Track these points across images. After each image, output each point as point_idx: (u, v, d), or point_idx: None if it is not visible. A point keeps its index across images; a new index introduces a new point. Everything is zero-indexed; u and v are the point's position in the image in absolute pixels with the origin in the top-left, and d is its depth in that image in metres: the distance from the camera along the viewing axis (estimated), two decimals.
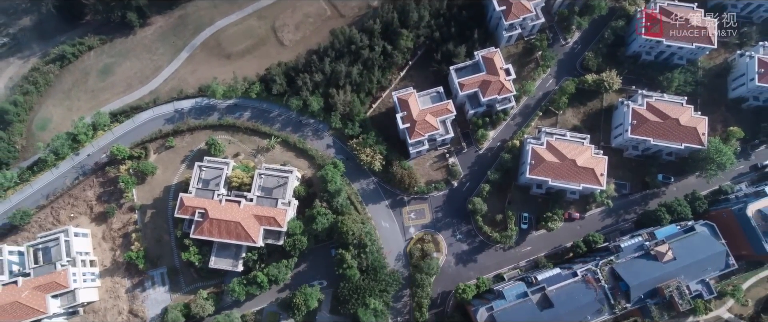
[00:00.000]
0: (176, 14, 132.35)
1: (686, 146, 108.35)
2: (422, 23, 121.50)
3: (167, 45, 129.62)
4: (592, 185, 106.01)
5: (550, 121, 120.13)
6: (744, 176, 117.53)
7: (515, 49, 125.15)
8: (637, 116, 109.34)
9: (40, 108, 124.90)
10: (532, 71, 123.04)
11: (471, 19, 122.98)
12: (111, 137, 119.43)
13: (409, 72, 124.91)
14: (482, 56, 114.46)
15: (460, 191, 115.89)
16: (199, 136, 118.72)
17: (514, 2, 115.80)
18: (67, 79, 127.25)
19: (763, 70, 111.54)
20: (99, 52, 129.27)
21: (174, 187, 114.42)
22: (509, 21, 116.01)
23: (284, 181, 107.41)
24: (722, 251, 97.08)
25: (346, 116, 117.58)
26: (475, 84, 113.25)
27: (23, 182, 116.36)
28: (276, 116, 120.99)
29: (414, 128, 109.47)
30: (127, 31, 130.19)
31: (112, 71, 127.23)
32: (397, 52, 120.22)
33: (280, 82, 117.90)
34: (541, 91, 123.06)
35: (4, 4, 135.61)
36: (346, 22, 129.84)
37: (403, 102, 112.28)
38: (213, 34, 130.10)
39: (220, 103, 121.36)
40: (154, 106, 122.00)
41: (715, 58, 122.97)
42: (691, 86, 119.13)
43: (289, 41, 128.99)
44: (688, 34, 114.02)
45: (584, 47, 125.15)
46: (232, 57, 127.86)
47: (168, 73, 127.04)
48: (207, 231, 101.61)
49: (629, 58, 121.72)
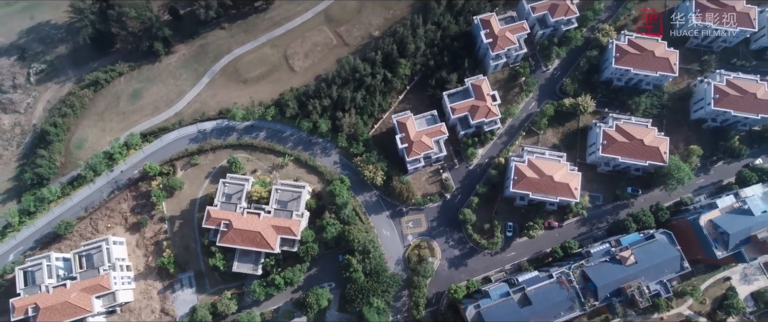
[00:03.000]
0: (198, 43, 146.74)
1: (650, 163, 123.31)
2: (418, 53, 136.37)
3: (190, 71, 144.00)
4: (567, 198, 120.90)
5: (533, 140, 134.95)
6: (704, 189, 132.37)
7: (501, 75, 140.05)
8: (607, 137, 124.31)
9: (76, 129, 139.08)
10: (516, 95, 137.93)
11: (462, 49, 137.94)
12: (141, 155, 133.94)
13: (407, 96, 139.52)
14: (471, 83, 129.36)
15: (452, 203, 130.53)
16: (220, 154, 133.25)
17: (500, 35, 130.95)
18: (100, 103, 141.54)
19: (718, 96, 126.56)
20: (128, 77, 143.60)
21: (199, 200, 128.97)
22: (495, 52, 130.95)
23: (298, 195, 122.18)
24: (677, 255, 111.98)
25: (351, 136, 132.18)
26: (465, 108, 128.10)
27: (64, 195, 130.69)
28: (289, 136, 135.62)
29: (411, 148, 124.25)
30: (154, 59, 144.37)
31: (141, 95, 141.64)
32: (396, 79, 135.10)
33: (292, 106, 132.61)
34: (525, 113, 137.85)
35: (42, 33, 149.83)
36: (350, 50, 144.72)
37: (401, 124, 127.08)
38: (231, 61, 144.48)
39: (238, 125, 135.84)
40: (179, 127, 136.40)
41: (679, 83, 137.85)
42: (657, 109, 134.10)
43: (299, 67, 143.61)
44: (652, 64, 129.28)
45: (563, 74, 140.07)
46: (248, 82, 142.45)
47: (191, 96, 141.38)
48: (231, 240, 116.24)
49: (602, 83, 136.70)
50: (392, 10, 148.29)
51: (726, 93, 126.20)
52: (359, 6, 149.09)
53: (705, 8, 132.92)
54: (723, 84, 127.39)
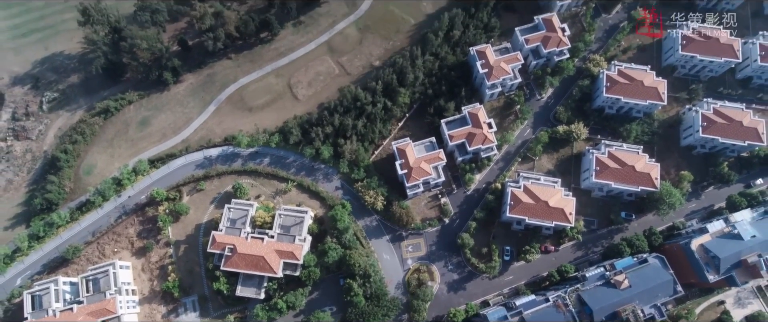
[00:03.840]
0: (205, 73, 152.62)
1: (642, 189, 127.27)
2: (417, 82, 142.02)
3: (197, 99, 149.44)
4: (562, 223, 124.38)
5: (528, 166, 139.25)
6: (696, 214, 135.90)
7: (497, 104, 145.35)
8: (600, 163, 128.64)
9: (86, 155, 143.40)
10: (511, 123, 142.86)
11: (459, 79, 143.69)
12: (149, 181, 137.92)
13: (407, 123, 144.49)
14: (468, 112, 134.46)
15: (451, 227, 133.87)
16: (225, 180, 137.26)
17: (495, 66, 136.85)
18: (110, 130, 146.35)
19: (706, 123, 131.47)
20: (138, 106, 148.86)
21: (204, 225, 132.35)
22: (491, 81, 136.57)
23: (300, 220, 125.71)
24: (670, 279, 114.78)
25: (352, 162, 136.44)
26: (462, 135, 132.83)
27: (73, 220, 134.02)
28: (292, 162, 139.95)
29: (411, 174, 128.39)
30: (163, 88, 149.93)
31: (149, 123, 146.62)
32: (396, 107, 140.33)
33: (296, 133, 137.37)
34: (520, 140, 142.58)
35: (56, 63, 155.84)
36: (352, 79, 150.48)
37: (401, 151, 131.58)
38: (237, 89, 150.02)
39: (243, 151, 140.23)
40: (186, 153, 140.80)
41: (668, 111, 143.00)
42: (648, 136, 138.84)
43: (302, 96, 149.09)
44: (642, 93, 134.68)
45: (556, 102, 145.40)
46: (253, 110, 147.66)
47: (197, 124, 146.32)
48: (235, 264, 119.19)
49: (595, 111, 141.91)
50: (392, 41, 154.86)
51: (713, 121, 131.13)
52: (360, 37, 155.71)
53: (690, 40, 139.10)
54: (710, 112, 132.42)
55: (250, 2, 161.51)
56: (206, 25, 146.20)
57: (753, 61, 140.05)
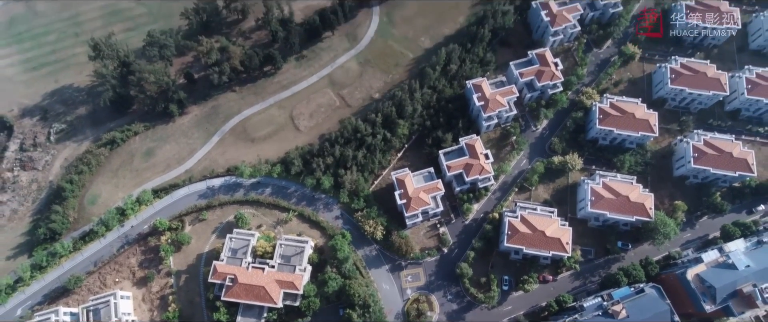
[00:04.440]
0: (210, 105, 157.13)
1: (637, 219, 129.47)
2: (416, 114, 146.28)
3: (201, 131, 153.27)
4: (559, 252, 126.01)
5: (525, 195, 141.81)
6: (691, 243, 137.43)
7: (494, 135, 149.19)
8: (595, 193, 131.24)
9: (91, 185, 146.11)
10: (508, 153, 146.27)
11: (456, 111, 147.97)
12: (152, 211, 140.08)
13: (405, 154, 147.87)
14: (465, 143, 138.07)
15: (449, 257, 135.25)
16: (227, 210, 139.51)
17: (491, 98, 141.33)
18: (115, 160, 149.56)
19: (697, 154, 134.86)
20: (143, 137, 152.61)
21: (205, 255, 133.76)
22: (487, 113, 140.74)
23: (301, 249, 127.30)
24: (666, 309, 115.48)
25: (352, 192, 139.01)
26: (460, 166, 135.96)
27: (75, 250, 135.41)
28: (293, 192, 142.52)
29: (409, 204, 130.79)
30: (168, 119, 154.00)
31: (154, 153, 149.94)
32: (395, 138, 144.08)
33: (297, 164, 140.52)
34: (517, 170, 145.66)
35: (65, 95, 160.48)
36: (352, 111, 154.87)
37: (400, 181, 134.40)
38: (240, 121, 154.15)
39: (245, 181, 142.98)
40: (189, 183, 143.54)
41: (660, 142, 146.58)
42: (641, 166, 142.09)
43: (304, 127, 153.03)
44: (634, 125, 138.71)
45: (551, 133, 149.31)
46: (256, 141, 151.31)
47: (201, 154, 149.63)
48: (236, 294, 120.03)
49: (589, 142, 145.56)
50: (391, 74, 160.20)
51: (704, 152, 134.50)
52: (361, 71, 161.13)
53: (679, 74, 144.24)
54: (701, 144, 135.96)
55: (255, 37, 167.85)
56: (212, 59, 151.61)
57: (740, 94, 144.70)
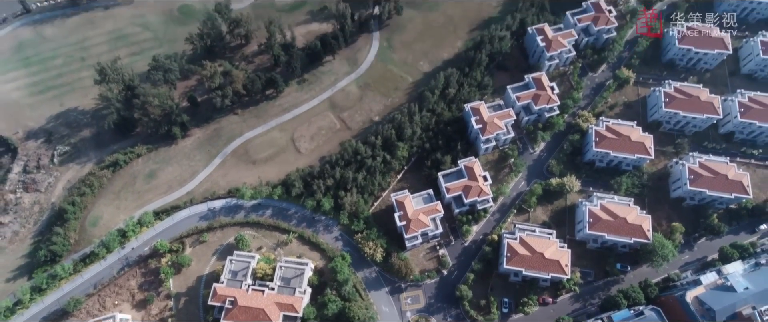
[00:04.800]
0: (212, 127, 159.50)
1: (635, 240, 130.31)
2: (415, 137, 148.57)
3: (203, 153, 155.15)
4: (558, 274, 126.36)
5: (524, 217, 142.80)
6: (690, 265, 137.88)
7: (492, 157, 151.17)
8: (593, 215, 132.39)
9: (93, 207, 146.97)
10: (506, 175, 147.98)
11: (455, 133, 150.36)
12: (153, 233, 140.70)
13: (405, 176, 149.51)
14: (464, 165, 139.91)
15: (449, 279, 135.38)
16: (228, 232, 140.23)
17: (489, 121, 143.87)
18: (117, 182, 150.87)
19: (693, 177, 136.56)
20: (146, 159, 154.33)
21: (205, 277, 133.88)
22: (485, 136, 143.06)
23: (301, 272, 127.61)
24: None
25: (352, 214, 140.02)
26: (459, 188, 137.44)
27: (75, 272, 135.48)
28: (293, 214, 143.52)
29: (409, 225, 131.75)
30: (171, 142, 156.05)
31: (156, 175, 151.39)
32: (394, 160, 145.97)
33: (298, 185, 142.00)
34: (515, 192, 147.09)
35: (69, 118, 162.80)
36: (352, 133, 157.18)
37: (399, 203, 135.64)
38: (242, 143, 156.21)
39: (246, 203, 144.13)
40: (190, 205, 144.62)
41: (656, 164, 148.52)
42: (638, 188, 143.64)
43: (305, 149, 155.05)
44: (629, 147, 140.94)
45: (549, 155, 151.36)
46: (257, 163, 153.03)
47: (203, 176, 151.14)
48: (235, 317, 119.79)
49: (586, 164, 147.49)
50: (391, 98, 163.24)
51: (700, 174, 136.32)
52: (361, 94, 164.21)
53: (673, 98, 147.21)
54: (696, 166, 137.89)
55: (257, 61, 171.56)
56: (215, 83, 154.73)
57: (734, 117, 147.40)
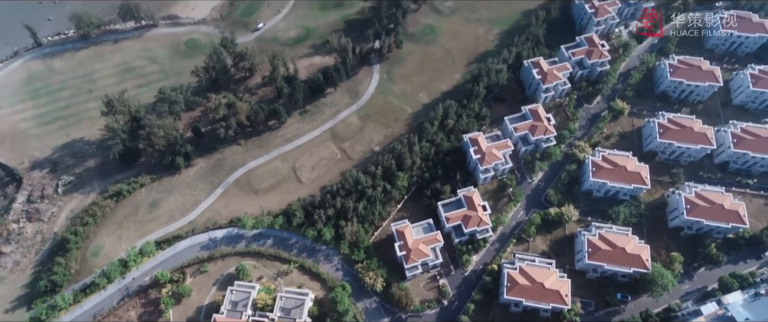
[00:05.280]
0: (215, 157, 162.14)
1: (634, 270, 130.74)
2: (415, 167, 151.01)
3: (206, 183, 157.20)
4: (558, 305, 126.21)
5: (523, 247, 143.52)
6: (691, 295, 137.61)
7: (491, 186, 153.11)
8: (591, 245, 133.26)
9: (95, 237, 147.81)
10: (505, 205, 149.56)
11: (454, 163, 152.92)
12: (154, 263, 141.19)
13: (405, 205, 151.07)
14: (463, 195, 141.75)
15: (449, 309, 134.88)
16: (229, 261, 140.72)
17: (487, 152, 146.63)
18: (120, 212, 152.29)
19: (690, 206, 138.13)
20: (149, 188, 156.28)
21: (205, 307, 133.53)
22: (484, 166, 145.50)
23: (301, 302, 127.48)
24: None
25: (353, 244, 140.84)
26: (458, 218, 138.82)
27: (75, 302, 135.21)
28: (294, 244, 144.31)
29: (409, 255, 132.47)
30: (174, 171, 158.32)
31: (159, 205, 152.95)
32: (394, 190, 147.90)
33: (299, 215, 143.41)
34: (514, 221, 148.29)
35: (75, 149, 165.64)
36: (353, 163, 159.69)
37: (400, 233, 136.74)
38: (244, 173, 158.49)
39: (247, 233, 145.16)
40: (192, 235, 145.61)
41: (653, 194, 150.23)
42: (636, 218, 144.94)
43: (306, 179, 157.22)
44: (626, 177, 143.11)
45: (547, 185, 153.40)
46: (259, 192, 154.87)
47: (205, 206, 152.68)
48: None
49: (583, 194, 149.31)
50: (391, 128, 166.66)
51: (696, 204, 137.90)
52: (362, 125, 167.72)
53: (667, 129, 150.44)
54: (692, 196, 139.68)
55: (261, 93, 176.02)
56: (219, 114, 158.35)
57: (727, 148, 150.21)
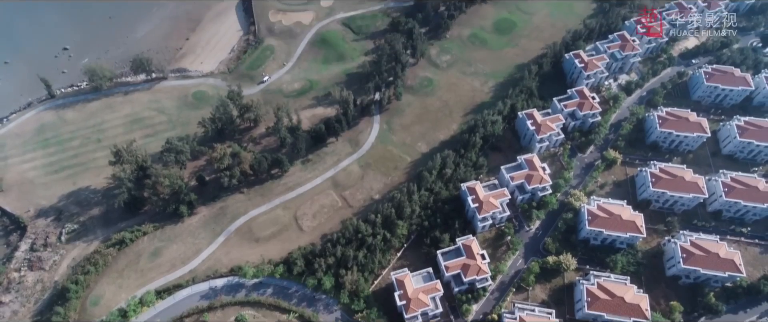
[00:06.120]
0: (218, 206, 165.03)
1: (634, 320, 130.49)
2: (414, 215, 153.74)
3: (208, 231, 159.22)
4: None
5: (523, 296, 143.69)
6: None
7: (489, 235, 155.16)
8: (590, 294, 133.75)
9: (96, 286, 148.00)
10: (504, 253, 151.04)
11: (453, 211, 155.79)
12: (154, 312, 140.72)
13: (405, 253, 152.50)
14: (462, 244, 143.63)
15: None
16: (229, 311, 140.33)
17: (485, 200, 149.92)
18: (122, 261, 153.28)
19: (686, 256, 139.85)
20: (152, 237, 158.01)
21: None
22: (482, 215, 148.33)
23: None
24: None
25: (353, 293, 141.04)
26: (457, 266, 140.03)
27: None
28: (294, 293, 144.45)
29: (409, 305, 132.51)
30: (177, 220, 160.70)
31: (161, 253, 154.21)
32: (394, 238, 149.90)
33: (300, 264, 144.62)
34: (513, 270, 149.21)
35: (80, 197, 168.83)
36: (353, 211, 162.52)
37: (399, 282, 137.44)
38: (246, 222, 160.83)
39: (248, 281, 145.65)
40: (192, 284, 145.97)
41: (649, 242, 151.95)
42: (634, 266, 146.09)
43: (307, 227, 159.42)
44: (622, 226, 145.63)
45: (544, 233, 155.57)
46: (260, 241, 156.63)
47: (206, 254, 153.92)
48: None
49: (581, 242, 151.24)
50: (390, 177, 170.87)
51: (692, 253, 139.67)
52: (362, 173, 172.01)
53: (659, 178, 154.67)
54: (688, 245, 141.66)
55: (264, 142, 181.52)
56: (224, 164, 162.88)
57: (719, 197, 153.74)
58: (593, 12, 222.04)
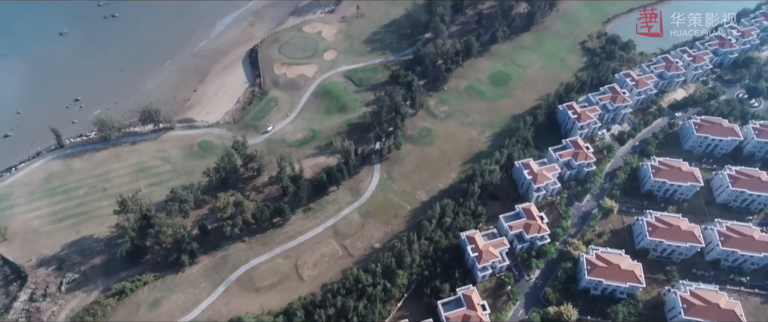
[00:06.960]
0: (219, 255, 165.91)
1: None
2: (414, 264, 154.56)
3: (208, 280, 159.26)
4: None
5: None
6: None
7: (489, 284, 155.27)
8: None
9: None
10: (504, 303, 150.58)
11: (452, 260, 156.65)
12: None
13: (405, 303, 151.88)
14: (463, 294, 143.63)
15: None
16: None
17: (484, 250, 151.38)
18: (120, 311, 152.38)
19: (687, 306, 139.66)
20: (152, 287, 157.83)
21: None
22: (482, 264, 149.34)
23: None
24: None
25: None
26: (458, 317, 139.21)
27: None
28: None
29: None
30: (178, 269, 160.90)
31: (160, 304, 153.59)
32: (394, 288, 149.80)
33: (300, 315, 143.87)
34: (515, 320, 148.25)
35: (83, 246, 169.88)
36: (353, 260, 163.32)
37: None
38: (247, 271, 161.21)
39: None
40: None
41: (649, 292, 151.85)
42: (635, 317, 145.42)
43: (308, 277, 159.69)
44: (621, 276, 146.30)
45: (544, 282, 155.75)
46: (260, 290, 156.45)
47: (206, 304, 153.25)
48: None
49: (581, 292, 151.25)
50: (391, 225, 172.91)
51: (693, 303, 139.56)
52: (362, 222, 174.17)
53: (655, 227, 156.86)
54: (687, 295, 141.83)
55: (267, 191, 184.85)
56: (227, 214, 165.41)
57: (716, 246, 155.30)
58: (584, 65, 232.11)
